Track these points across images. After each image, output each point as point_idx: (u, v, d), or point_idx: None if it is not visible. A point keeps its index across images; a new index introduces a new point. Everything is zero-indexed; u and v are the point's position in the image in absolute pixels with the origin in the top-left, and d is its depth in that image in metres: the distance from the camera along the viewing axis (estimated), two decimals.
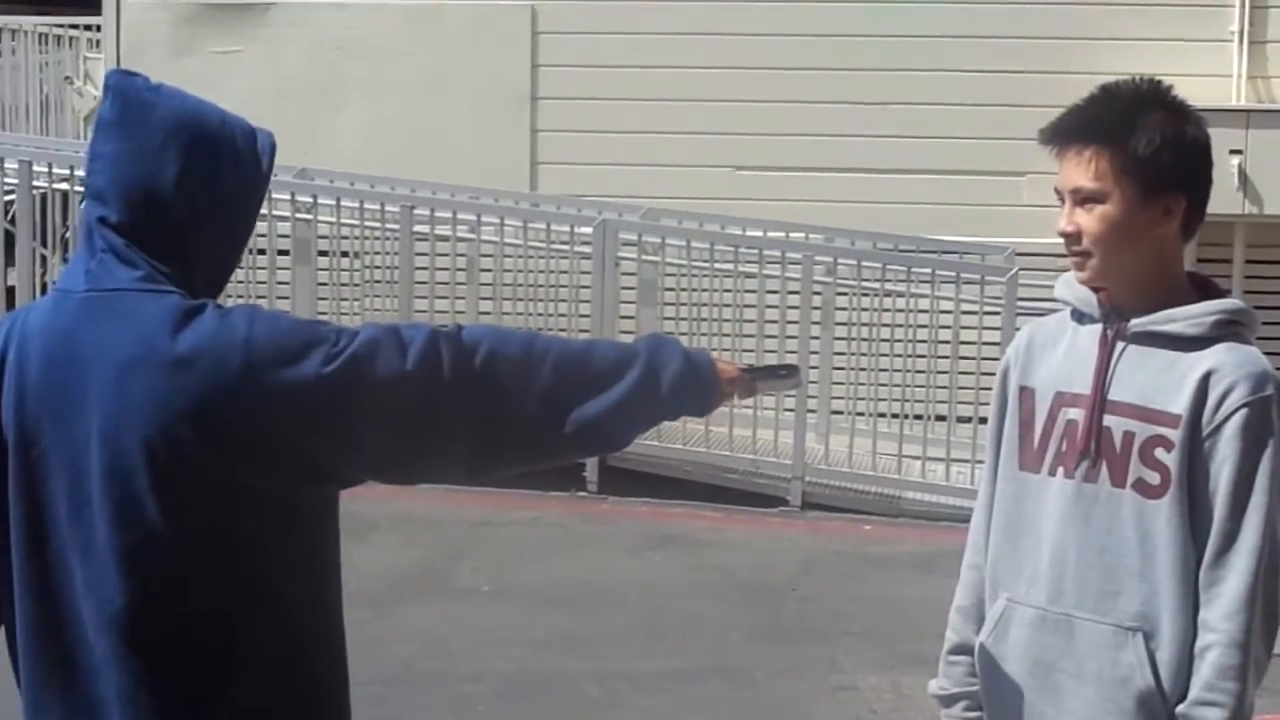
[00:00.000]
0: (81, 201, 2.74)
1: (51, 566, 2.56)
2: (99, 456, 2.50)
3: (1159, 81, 3.12)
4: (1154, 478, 2.96)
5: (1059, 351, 3.14)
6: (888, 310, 10.94)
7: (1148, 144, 2.98)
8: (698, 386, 2.73)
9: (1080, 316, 3.13)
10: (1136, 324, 3.02)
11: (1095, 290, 3.08)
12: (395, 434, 2.57)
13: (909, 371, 10.85)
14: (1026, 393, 3.16)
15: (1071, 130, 3.05)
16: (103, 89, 2.69)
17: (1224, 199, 11.72)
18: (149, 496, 2.49)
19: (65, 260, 11.70)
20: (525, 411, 2.61)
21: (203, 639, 2.53)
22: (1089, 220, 3.02)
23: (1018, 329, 9.86)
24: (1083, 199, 3.02)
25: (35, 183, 11.47)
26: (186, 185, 2.62)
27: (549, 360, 2.63)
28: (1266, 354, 3.06)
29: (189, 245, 2.64)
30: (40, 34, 17.76)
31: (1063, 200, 3.06)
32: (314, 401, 2.50)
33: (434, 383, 2.55)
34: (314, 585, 2.67)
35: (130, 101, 2.66)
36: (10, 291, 11.54)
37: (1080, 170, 3.02)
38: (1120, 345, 3.04)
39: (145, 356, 2.50)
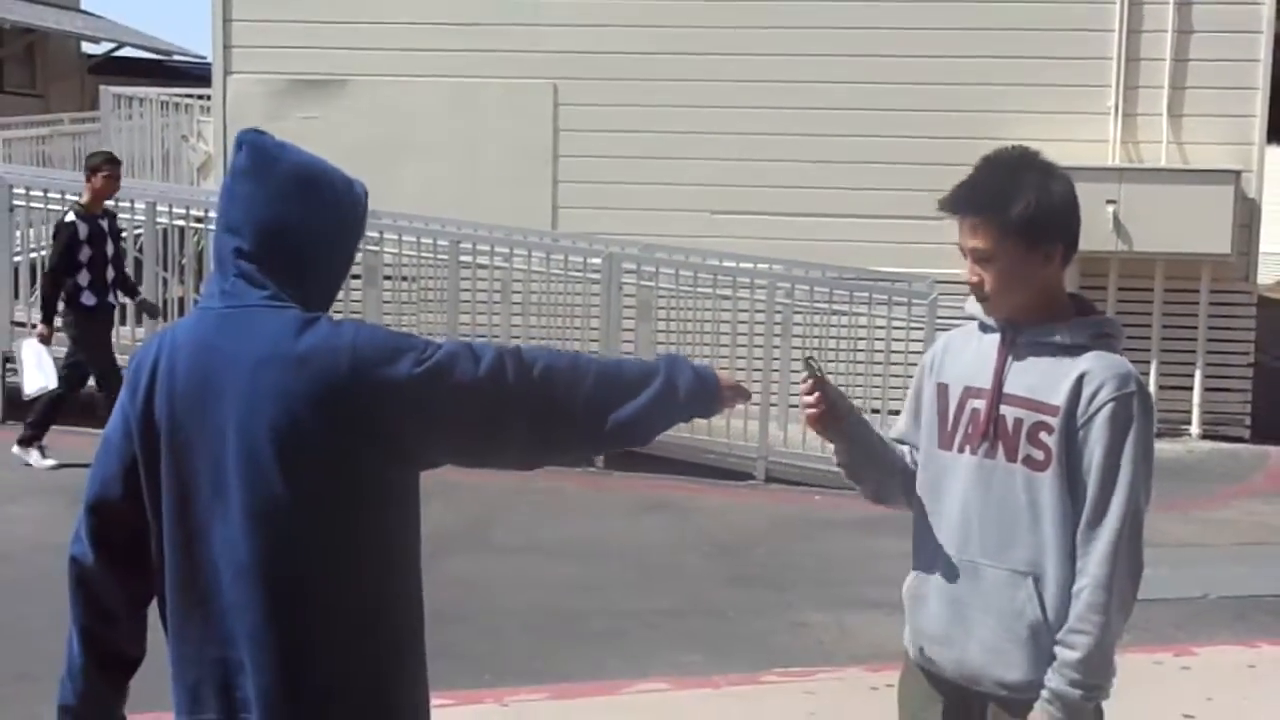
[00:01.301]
0: (196, 235, 2.75)
1: (194, 530, 2.57)
2: (235, 441, 2.51)
3: (1027, 149, 3.09)
4: (1039, 455, 2.97)
5: (967, 354, 3.14)
6: (833, 326, 10.93)
7: (1023, 209, 2.95)
8: (705, 394, 2.75)
9: (985, 328, 3.13)
10: (1026, 335, 3.04)
11: None
12: (469, 425, 2.57)
13: (850, 374, 10.83)
14: (941, 388, 3.16)
15: (960, 202, 3.03)
16: (236, 143, 2.67)
17: (1101, 239, 11.76)
18: (274, 472, 2.50)
19: (182, 282, 11.74)
20: (573, 411, 2.62)
21: (310, 591, 2.54)
22: (988, 275, 3.01)
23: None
24: (979, 258, 3.02)
25: (158, 220, 11.49)
26: (306, 223, 2.62)
27: (591, 373, 2.65)
28: (1133, 360, 3.08)
29: (306, 271, 2.63)
30: (162, 102, 17.80)
31: (965, 255, 3.06)
32: (406, 395, 2.51)
33: (500, 387, 2.56)
34: (396, 558, 2.65)
35: (261, 154, 2.65)
36: (138, 306, 11.52)
37: (973, 234, 3.01)
38: (1014, 351, 3.05)
39: (272, 356, 2.51)
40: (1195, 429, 12.45)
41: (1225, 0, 12.23)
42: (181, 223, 11.67)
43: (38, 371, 9.45)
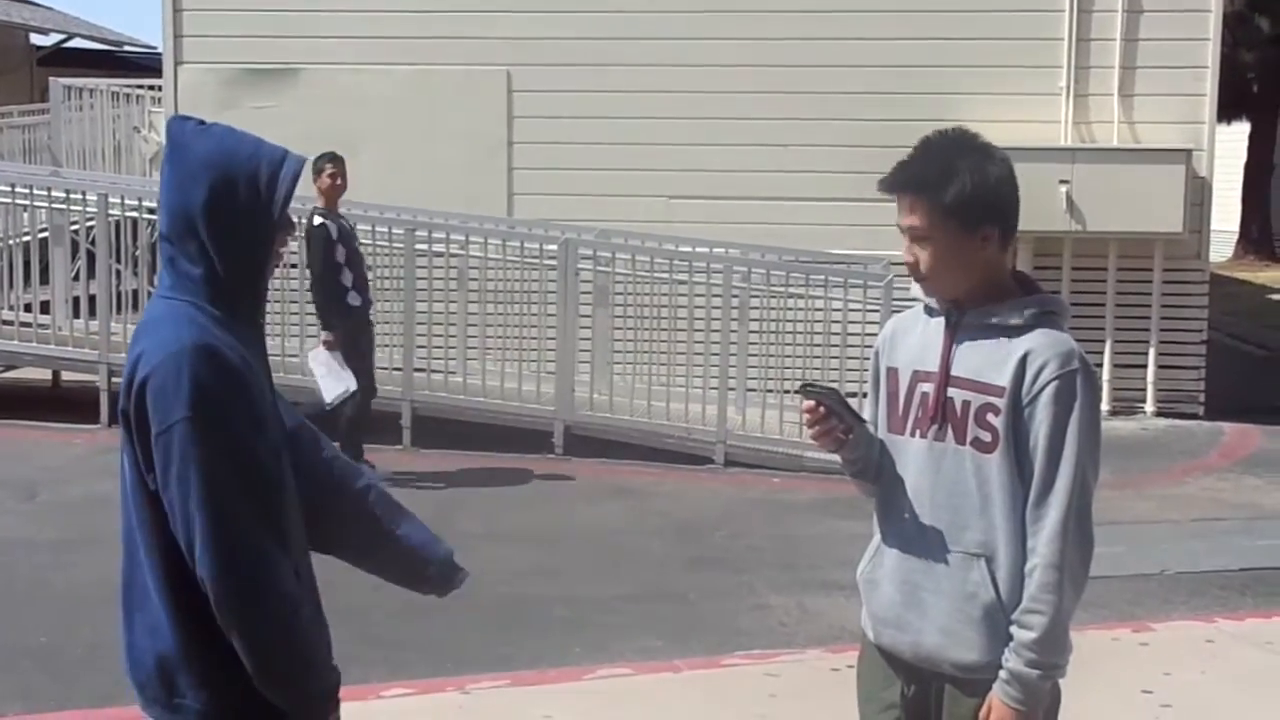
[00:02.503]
0: (149, 226, 2.81)
1: None
2: None
3: (965, 130, 3.08)
4: (986, 436, 2.97)
5: (914, 338, 3.14)
6: (790, 309, 10.92)
7: (957, 191, 2.94)
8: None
9: (930, 311, 3.13)
10: (970, 317, 3.03)
11: None
12: (168, 500, 2.63)
13: (808, 357, 10.80)
14: (892, 372, 3.16)
15: (898, 182, 3.02)
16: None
17: (1055, 219, 11.82)
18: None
19: (135, 274, 11.65)
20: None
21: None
22: (923, 254, 3.01)
23: None
24: (915, 237, 3.01)
25: (110, 211, 11.39)
26: (210, 206, 2.64)
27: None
28: (1088, 339, 3.08)
29: (215, 255, 2.65)
30: (113, 92, 17.64)
31: (903, 235, 3.05)
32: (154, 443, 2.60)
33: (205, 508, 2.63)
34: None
35: (176, 141, 2.70)
36: (91, 299, 11.47)
37: (910, 214, 3.00)
38: (959, 333, 3.04)
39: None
40: (1150, 406, 12.54)
41: None
42: (134, 214, 11.54)
43: (332, 379, 9.28)
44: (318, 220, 9.38)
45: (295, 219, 2.89)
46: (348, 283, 9.37)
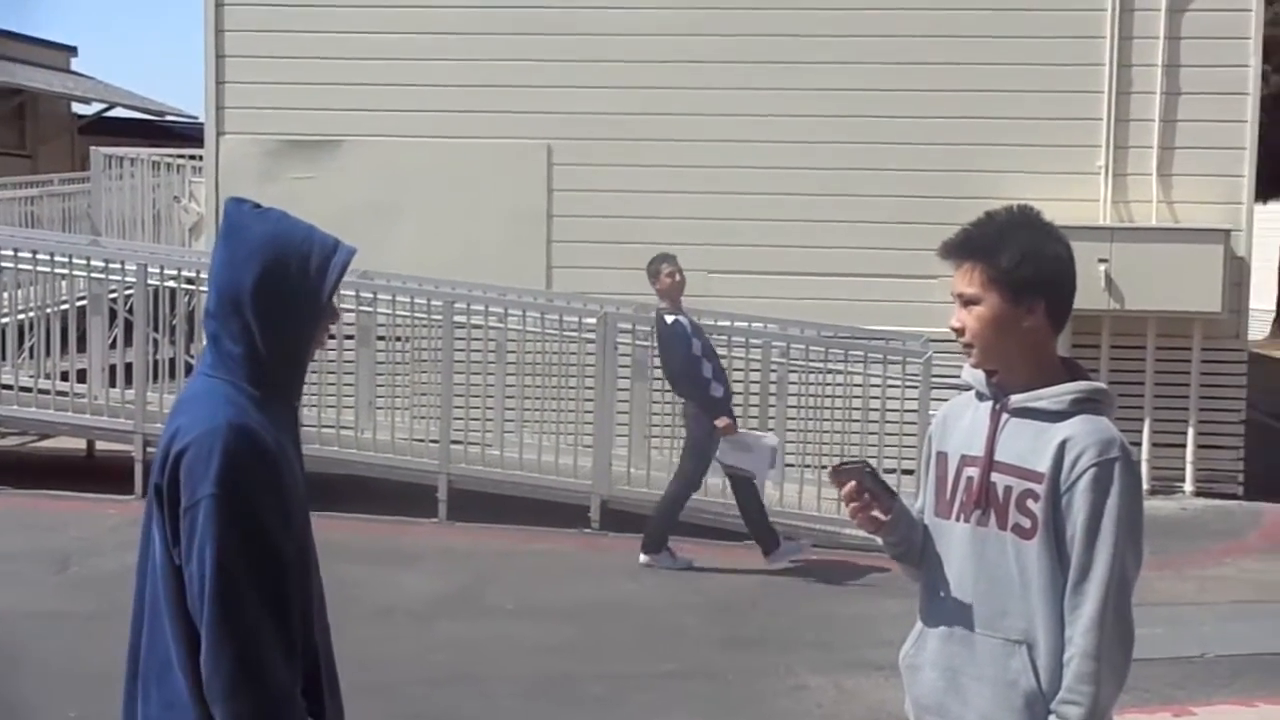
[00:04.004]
0: (188, 296, 2.90)
1: None
2: None
3: (1030, 208, 3.14)
4: (1026, 523, 2.98)
5: (964, 423, 3.16)
6: (828, 384, 10.95)
7: (1010, 259, 3.00)
8: None
9: (980, 395, 3.15)
10: (1014, 401, 3.05)
11: (988, 374, 3.11)
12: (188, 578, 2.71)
13: (846, 433, 10.84)
14: (941, 457, 3.19)
15: (957, 248, 3.08)
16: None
17: (1093, 297, 11.83)
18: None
19: (173, 343, 11.75)
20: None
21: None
22: (970, 319, 3.06)
23: (933, 400, 9.96)
24: (965, 302, 3.06)
25: (149, 281, 11.48)
26: (259, 290, 2.71)
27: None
28: (1126, 418, 3.11)
29: (255, 335, 2.72)
30: (154, 162, 17.86)
31: (955, 301, 3.11)
32: (181, 517, 2.68)
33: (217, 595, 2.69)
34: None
35: (233, 222, 2.78)
36: (128, 368, 11.55)
37: (963, 279, 3.06)
38: (1004, 418, 3.06)
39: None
40: (1189, 486, 12.48)
41: (1213, 64, 12.35)
42: (173, 284, 11.66)
43: (750, 456, 9.42)
44: (670, 319, 9.57)
45: (339, 308, 2.96)
46: (708, 374, 9.47)
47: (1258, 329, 21.34)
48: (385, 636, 7.64)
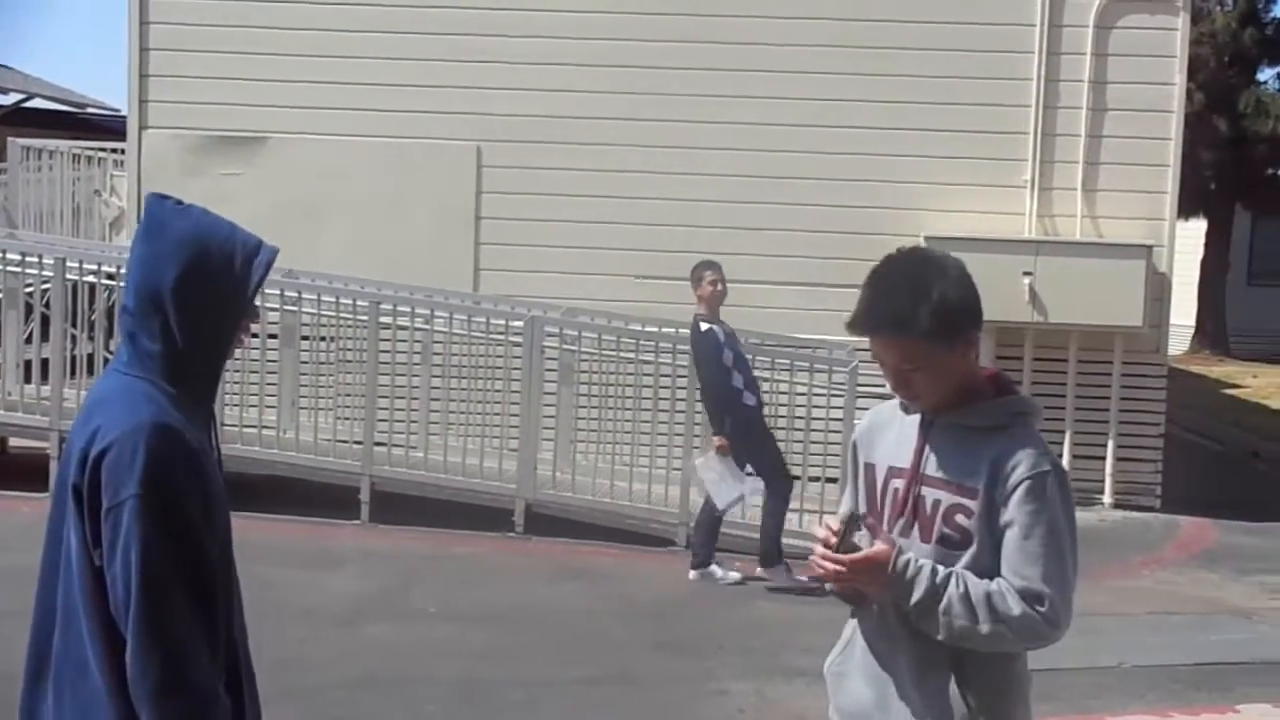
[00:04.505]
0: (108, 291, 2.88)
1: None
2: None
3: (911, 250, 3.13)
4: (955, 536, 3.01)
5: (891, 434, 3.17)
6: None
7: (931, 321, 2.96)
8: None
9: (906, 407, 3.16)
10: (944, 416, 3.07)
11: None
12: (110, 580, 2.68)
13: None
14: (869, 468, 3.21)
15: (867, 325, 3.04)
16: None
17: (1017, 310, 11.98)
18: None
19: (91, 339, 11.59)
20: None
21: None
22: (916, 381, 3.04)
23: (858, 408, 10.02)
24: (900, 373, 3.04)
25: (67, 275, 11.32)
26: (180, 288, 2.69)
27: None
28: (1048, 429, 3.15)
29: (174, 333, 2.70)
30: (74, 154, 17.58)
31: (883, 367, 3.07)
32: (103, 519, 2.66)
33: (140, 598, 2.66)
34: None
35: (154, 218, 2.76)
36: (44, 364, 11.38)
37: (890, 353, 3.03)
38: (933, 432, 3.08)
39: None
40: (1107, 498, 12.66)
41: (1138, 80, 12.54)
42: (92, 279, 11.50)
43: (724, 484, 9.31)
44: (704, 326, 9.57)
45: (260, 307, 2.94)
46: (739, 384, 9.47)
47: (1177, 344, 21.66)
48: (306, 639, 7.59)
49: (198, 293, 2.70)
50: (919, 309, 2.97)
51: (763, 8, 12.57)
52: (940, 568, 2.97)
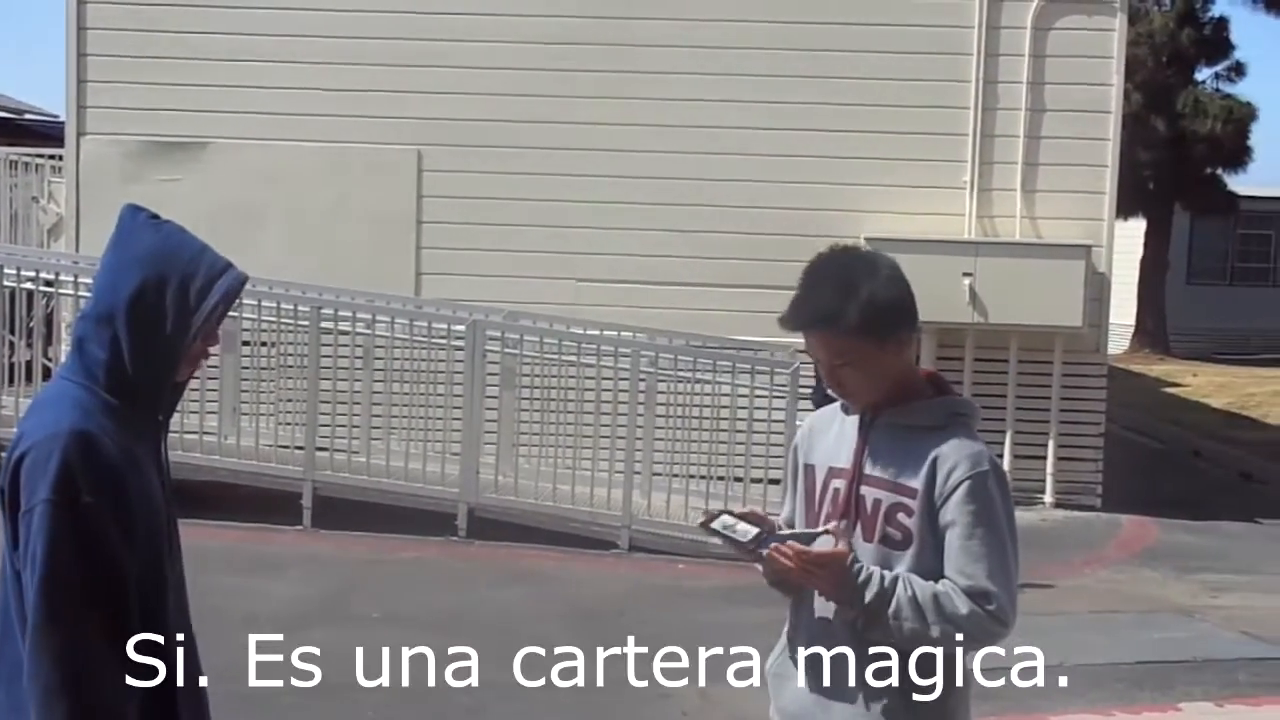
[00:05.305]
0: (46, 299, 2.85)
1: None
2: None
3: (844, 249, 3.13)
4: (897, 535, 3.03)
5: (831, 435, 3.20)
6: (696, 395, 11.02)
7: (860, 313, 2.98)
8: None
9: (846, 409, 3.19)
10: (885, 417, 3.09)
11: None
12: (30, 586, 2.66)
13: (713, 443, 10.94)
14: (809, 469, 3.22)
15: (801, 321, 3.07)
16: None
17: (957, 310, 12.06)
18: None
19: (30, 346, 11.47)
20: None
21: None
22: (845, 377, 3.07)
23: (800, 410, 10.06)
24: (832, 367, 3.07)
25: (5, 282, 11.21)
26: (133, 304, 2.67)
27: None
28: (988, 429, 3.18)
29: (122, 345, 2.68)
30: (10, 161, 17.37)
31: (817, 363, 3.10)
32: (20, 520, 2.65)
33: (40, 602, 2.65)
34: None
35: (123, 230, 2.74)
36: None
37: (822, 349, 3.06)
38: (873, 432, 3.10)
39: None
40: (1049, 497, 12.76)
41: (1077, 80, 12.66)
42: (30, 286, 11.40)
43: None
44: None
45: (221, 331, 2.91)
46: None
47: (1117, 343, 21.88)
48: (248, 645, 7.52)
49: (150, 311, 2.68)
50: (847, 306, 2.99)
51: (698, 10, 12.62)
52: (887, 573, 2.98)
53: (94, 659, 2.59)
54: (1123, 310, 23.43)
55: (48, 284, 11.49)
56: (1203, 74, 27.55)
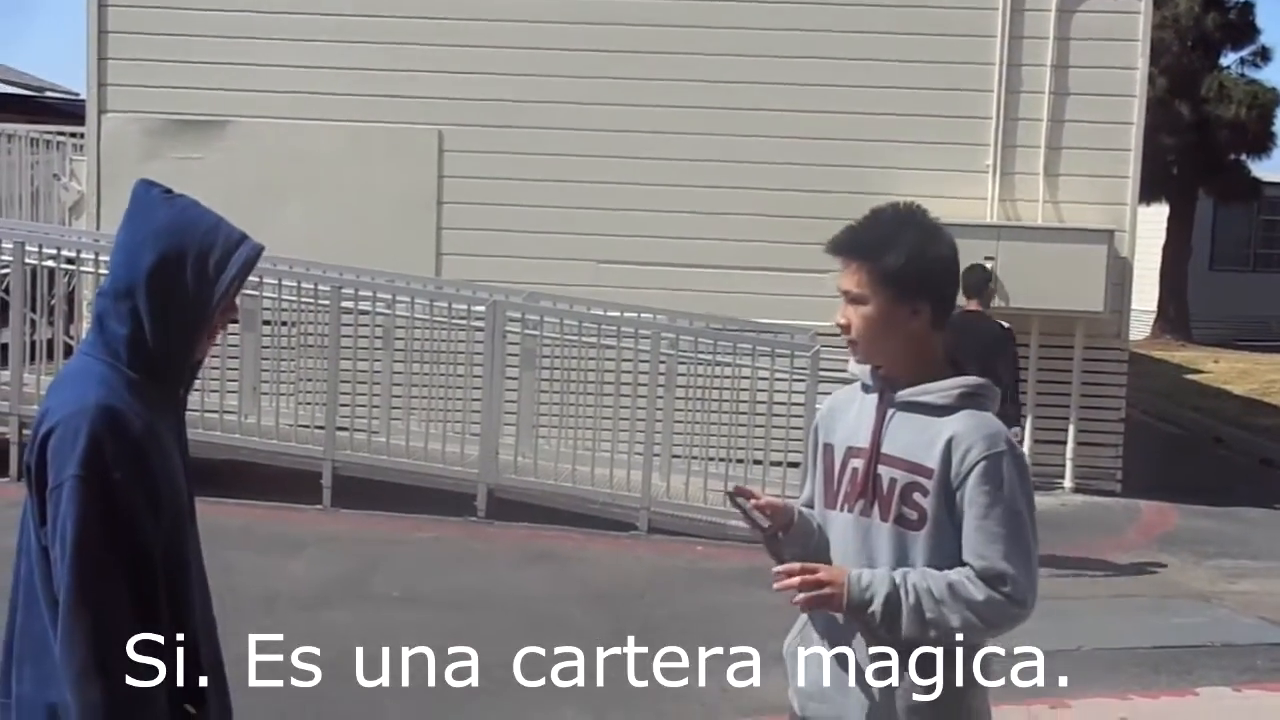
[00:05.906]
0: (67, 276, 2.84)
1: None
2: None
3: (916, 206, 3.16)
4: (912, 515, 3.04)
5: (850, 415, 3.21)
6: (716, 377, 11.01)
7: (895, 260, 3.03)
8: None
9: (866, 388, 3.20)
10: (901, 395, 3.10)
11: (874, 366, 3.16)
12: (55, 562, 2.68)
13: (733, 425, 10.92)
14: (828, 448, 3.23)
15: (843, 246, 3.11)
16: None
17: None
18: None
19: (51, 324, 11.52)
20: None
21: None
22: (855, 317, 3.09)
23: (820, 393, 10.05)
24: (851, 300, 3.09)
25: (27, 260, 11.25)
26: (152, 277, 2.68)
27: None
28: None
29: (143, 320, 2.69)
30: (32, 139, 17.44)
31: (842, 297, 3.14)
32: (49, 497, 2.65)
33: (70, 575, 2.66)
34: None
35: (139, 204, 2.75)
36: (3, 349, 11.32)
37: (849, 278, 3.09)
38: (890, 411, 3.10)
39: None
40: (1068, 482, 12.74)
41: (1101, 64, 12.60)
42: (51, 263, 11.43)
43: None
44: (1004, 324, 9.69)
45: (240, 302, 2.92)
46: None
47: (1138, 329, 21.81)
48: (269, 624, 7.56)
49: (170, 284, 2.68)
50: (888, 247, 3.04)
51: None
52: (895, 573, 3.00)
53: (127, 636, 2.60)
54: (1144, 296, 23.35)
55: (69, 262, 11.52)
56: (1228, 59, 27.39)
